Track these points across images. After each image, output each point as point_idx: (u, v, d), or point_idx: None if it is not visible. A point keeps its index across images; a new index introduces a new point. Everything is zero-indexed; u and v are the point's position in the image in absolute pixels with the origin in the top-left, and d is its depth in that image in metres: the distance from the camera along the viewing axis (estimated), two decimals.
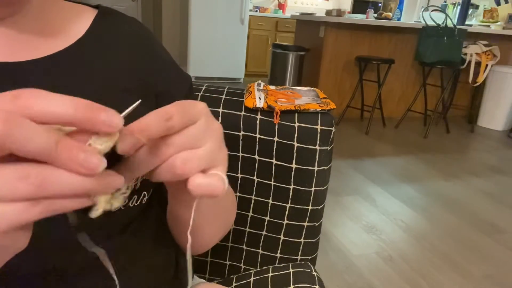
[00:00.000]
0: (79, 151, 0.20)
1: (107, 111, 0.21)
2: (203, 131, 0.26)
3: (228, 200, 0.51)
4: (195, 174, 0.26)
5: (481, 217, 2.18)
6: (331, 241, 1.82)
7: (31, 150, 0.19)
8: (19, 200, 0.19)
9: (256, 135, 0.65)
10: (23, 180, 0.19)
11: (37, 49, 0.38)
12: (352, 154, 2.99)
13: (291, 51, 3.80)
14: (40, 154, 0.19)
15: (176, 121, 0.24)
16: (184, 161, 0.25)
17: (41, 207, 0.20)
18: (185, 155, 0.25)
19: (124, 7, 5.75)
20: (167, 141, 0.25)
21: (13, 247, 0.22)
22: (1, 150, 0.19)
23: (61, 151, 0.20)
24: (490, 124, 4.12)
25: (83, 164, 0.20)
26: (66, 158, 0.20)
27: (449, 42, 3.60)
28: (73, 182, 0.20)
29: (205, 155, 0.26)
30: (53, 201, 0.20)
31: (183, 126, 0.25)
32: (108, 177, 0.22)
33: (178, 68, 0.50)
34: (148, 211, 0.45)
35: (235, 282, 0.66)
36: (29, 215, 0.20)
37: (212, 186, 0.26)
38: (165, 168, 0.25)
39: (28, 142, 0.18)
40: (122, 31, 0.45)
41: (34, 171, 0.19)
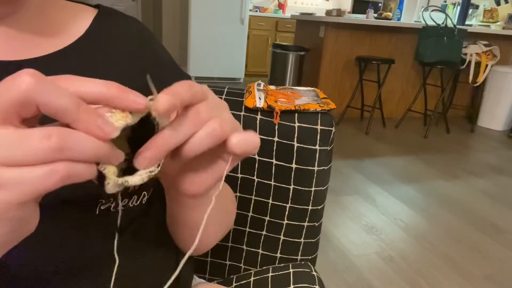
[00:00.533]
0: (97, 116, 0.22)
1: (134, 92, 0.23)
2: (218, 102, 0.28)
3: (228, 200, 0.51)
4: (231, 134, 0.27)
5: (481, 217, 2.18)
6: (331, 241, 1.82)
7: (56, 107, 0.20)
8: (40, 163, 0.20)
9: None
10: (45, 139, 0.20)
11: (37, 48, 0.38)
12: (352, 154, 2.99)
13: (291, 51, 3.80)
14: (64, 113, 0.21)
15: (198, 89, 0.26)
16: (220, 124, 0.26)
17: (61, 173, 0.21)
18: (218, 119, 0.27)
19: (124, 7, 5.75)
20: (194, 109, 0.26)
21: (27, 224, 0.23)
22: (29, 104, 0.20)
23: (82, 113, 0.21)
24: (490, 124, 4.12)
25: (100, 126, 0.22)
26: (86, 119, 0.21)
27: (449, 42, 3.60)
28: (91, 145, 0.21)
29: (230, 119, 0.28)
30: (72, 166, 0.21)
31: (203, 96, 0.27)
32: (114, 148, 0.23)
33: (178, 68, 0.50)
34: (148, 211, 0.45)
35: (235, 282, 0.66)
36: (49, 181, 0.20)
37: (251, 139, 0.28)
38: (204, 134, 0.26)
39: (54, 98, 0.20)
40: (122, 31, 0.45)
41: (56, 132, 0.20)
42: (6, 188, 0.20)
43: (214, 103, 0.27)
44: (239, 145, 0.27)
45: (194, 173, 0.30)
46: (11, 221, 0.21)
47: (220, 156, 0.29)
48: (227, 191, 0.51)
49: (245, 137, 0.27)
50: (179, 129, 0.25)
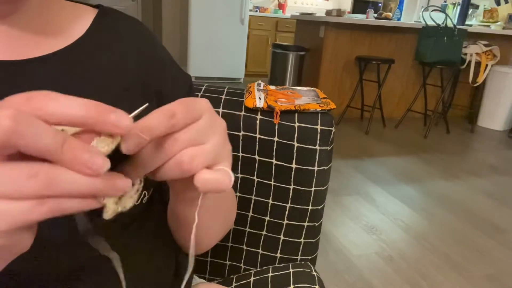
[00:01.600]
0: (83, 151, 0.20)
1: (116, 112, 0.21)
2: (207, 127, 0.27)
3: (228, 199, 0.51)
4: (201, 169, 0.26)
5: (481, 217, 2.18)
6: (331, 241, 1.82)
7: (38, 148, 0.19)
8: (27, 198, 0.19)
9: (256, 135, 0.65)
10: (32, 178, 0.19)
11: (38, 48, 0.38)
12: (352, 154, 2.99)
13: (291, 51, 3.80)
14: (46, 153, 0.19)
15: (179, 118, 0.24)
16: (191, 157, 0.25)
17: (48, 207, 0.20)
18: (191, 151, 0.25)
19: (124, 7, 5.74)
20: (172, 138, 0.25)
21: (16, 247, 0.22)
22: (9, 147, 0.19)
23: (66, 151, 0.20)
24: (490, 124, 4.12)
25: (87, 164, 0.20)
26: (71, 157, 0.20)
27: (449, 42, 3.60)
28: (80, 182, 0.20)
29: (211, 151, 0.26)
30: (60, 201, 0.20)
31: (187, 123, 0.25)
32: (114, 179, 0.22)
33: (178, 67, 0.50)
34: (148, 211, 0.45)
35: (235, 282, 0.66)
36: (35, 214, 0.20)
37: (219, 181, 0.26)
38: (172, 165, 0.25)
39: (35, 140, 0.19)
40: (122, 31, 0.45)
41: (43, 170, 0.19)
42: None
43: (203, 127, 0.26)
44: (203, 184, 0.26)
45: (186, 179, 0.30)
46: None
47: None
48: (227, 191, 0.51)
49: (215, 176, 0.26)
50: (148, 159, 0.25)
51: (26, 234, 0.22)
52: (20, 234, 0.21)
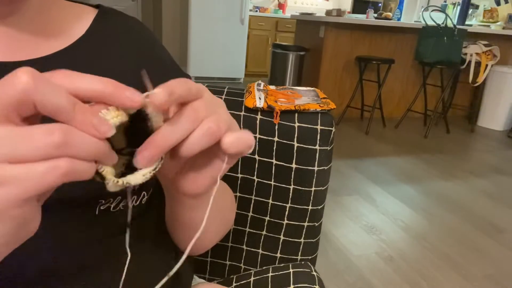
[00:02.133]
0: (93, 115, 0.22)
1: (130, 89, 0.23)
2: (214, 100, 0.28)
3: (228, 200, 0.51)
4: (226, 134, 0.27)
5: (481, 217, 2.18)
6: (331, 241, 1.82)
7: (53, 106, 0.21)
8: (44, 158, 0.20)
9: (256, 135, 0.65)
10: (48, 136, 0.20)
11: (37, 49, 0.38)
12: (352, 154, 2.99)
13: (291, 51, 3.80)
14: (60, 111, 0.21)
15: (193, 87, 0.26)
16: (216, 122, 0.26)
17: (63, 169, 0.21)
18: (214, 117, 0.26)
19: (124, 7, 5.74)
20: (191, 107, 0.26)
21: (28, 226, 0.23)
22: (27, 103, 0.20)
23: (78, 112, 0.21)
24: (490, 124, 4.12)
25: (95, 126, 0.22)
26: (82, 119, 0.21)
27: (449, 42, 3.60)
28: (90, 142, 0.22)
29: (227, 117, 0.28)
30: (74, 163, 0.21)
31: (199, 93, 0.27)
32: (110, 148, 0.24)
33: (178, 68, 0.50)
34: (147, 211, 0.45)
35: (235, 282, 0.66)
36: (52, 177, 0.21)
37: (246, 138, 0.27)
38: (200, 133, 0.26)
39: (51, 97, 0.20)
40: (122, 31, 0.45)
41: (58, 128, 0.21)
42: (9, 184, 0.20)
43: (210, 101, 0.27)
44: (232, 145, 0.27)
45: (193, 173, 0.31)
46: (13, 220, 0.21)
47: (217, 155, 0.29)
48: (227, 191, 0.51)
49: (238, 136, 0.27)
50: (177, 127, 0.25)
51: (37, 211, 0.23)
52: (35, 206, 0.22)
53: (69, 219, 0.37)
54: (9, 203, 0.20)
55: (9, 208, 0.20)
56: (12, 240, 0.23)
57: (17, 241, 0.24)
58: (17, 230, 0.22)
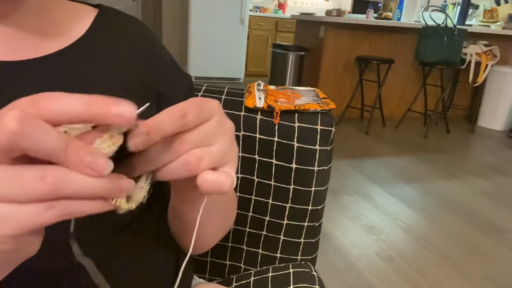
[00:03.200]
0: (87, 153, 0.20)
1: (118, 104, 0.21)
2: (217, 129, 0.27)
3: (229, 201, 0.51)
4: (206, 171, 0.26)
5: (481, 217, 2.18)
6: (331, 241, 1.82)
7: (43, 150, 0.19)
8: (35, 201, 0.20)
9: (256, 135, 0.65)
10: (40, 181, 0.19)
11: (38, 48, 0.38)
12: (352, 154, 2.99)
13: (291, 51, 3.80)
14: (51, 155, 0.20)
15: (191, 119, 0.24)
16: (198, 158, 0.25)
17: (56, 210, 0.20)
18: (199, 152, 0.25)
19: (124, 7, 5.75)
20: (181, 138, 0.25)
21: (25, 251, 0.22)
22: (15, 149, 0.19)
23: (70, 153, 0.20)
24: (490, 124, 4.12)
25: (90, 165, 0.20)
26: (75, 159, 0.20)
27: (449, 42, 3.60)
28: (86, 183, 0.20)
29: (217, 153, 0.26)
30: (69, 204, 0.20)
31: (197, 124, 0.25)
32: (119, 180, 0.22)
33: (179, 67, 0.50)
34: (148, 211, 0.45)
35: (235, 282, 0.66)
36: (44, 217, 0.20)
37: (221, 183, 0.26)
38: (178, 164, 0.25)
39: (41, 142, 0.19)
40: (122, 31, 0.45)
41: (50, 172, 0.20)
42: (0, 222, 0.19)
43: (211, 128, 0.26)
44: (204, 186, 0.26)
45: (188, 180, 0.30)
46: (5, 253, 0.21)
47: None
48: (228, 193, 0.51)
49: (217, 178, 0.26)
50: (156, 156, 0.25)
51: (35, 238, 0.22)
52: (29, 238, 0.21)
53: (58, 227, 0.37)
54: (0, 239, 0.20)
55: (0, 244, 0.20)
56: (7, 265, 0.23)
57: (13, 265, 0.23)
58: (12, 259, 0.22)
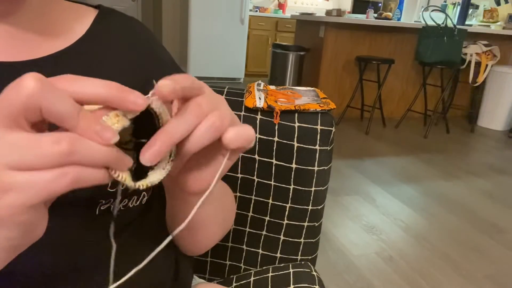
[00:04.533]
0: (96, 122, 0.22)
1: (134, 92, 0.24)
2: (215, 96, 0.28)
3: (227, 199, 0.51)
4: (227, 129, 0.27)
5: (481, 217, 2.18)
6: (331, 241, 1.82)
7: (58, 112, 0.21)
8: (51, 167, 0.21)
9: (256, 135, 0.66)
10: (56, 144, 0.20)
11: (38, 49, 0.38)
12: (352, 154, 2.99)
13: (291, 51, 3.80)
14: (64, 118, 0.21)
15: (195, 80, 0.26)
16: (220, 117, 0.27)
17: (70, 177, 0.21)
18: (217, 113, 0.27)
19: (124, 7, 5.74)
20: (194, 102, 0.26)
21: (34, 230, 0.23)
22: (33, 108, 0.20)
23: (82, 119, 0.22)
24: (490, 124, 4.12)
25: (98, 133, 0.22)
26: (86, 126, 0.22)
27: (449, 42, 3.60)
28: (97, 149, 0.22)
29: (229, 112, 0.28)
30: (81, 170, 0.22)
31: (200, 88, 0.27)
32: (123, 155, 0.24)
33: (178, 68, 0.50)
34: (148, 211, 0.45)
35: (235, 282, 0.66)
36: (59, 184, 0.21)
37: (246, 133, 0.28)
38: (205, 127, 0.26)
39: (57, 103, 0.21)
40: (122, 31, 0.45)
41: (65, 137, 0.21)
42: (17, 191, 0.20)
43: (212, 97, 0.28)
44: (233, 140, 0.27)
45: (196, 170, 0.31)
46: (21, 225, 0.22)
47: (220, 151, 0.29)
48: (226, 191, 0.51)
49: (239, 131, 0.27)
50: (183, 121, 0.26)
51: (44, 215, 0.23)
52: (42, 212, 0.23)
53: (69, 219, 0.37)
54: (16, 210, 0.21)
55: (16, 215, 0.21)
56: (19, 245, 0.23)
57: (24, 245, 0.24)
58: (24, 235, 0.23)
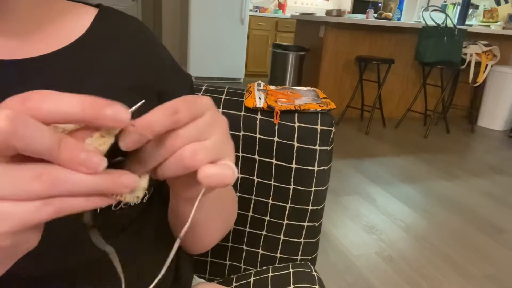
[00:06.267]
0: (80, 150, 0.20)
1: (112, 106, 0.21)
2: (209, 123, 0.26)
3: (229, 200, 0.51)
4: (204, 165, 0.25)
5: (481, 217, 2.18)
6: (331, 241, 1.82)
7: (36, 149, 0.19)
8: (32, 199, 0.20)
9: (256, 135, 0.65)
10: (36, 179, 0.19)
11: (37, 48, 0.38)
12: (352, 154, 2.99)
13: (291, 51, 3.80)
14: (44, 153, 0.20)
15: (182, 115, 0.24)
16: (193, 152, 0.25)
17: (53, 207, 0.20)
18: (193, 147, 0.25)
19: (124, 7, 5.74)
20: (174, 134, 0.25)
21: (23, 247, 0.22)
22: (8, 148, 0.19)
23: (63, 150, 0.20)
24: (490, 124, 4.12)
25: (84, 163, 0.20)
26: (68, 157, 0.20)
27: (449, 42, 3.60)
28: (83, 180, 0.21)
29: (212, 147, 0.26)
30: (65, 200, 0.21)
31: (189, 120, 0.25)
32: (119, 176, 0.22)
33: (179, 67, 0.50)
34: (149, 210, 0.45)
35: (235, 282, 0.66)
36: (41, 214, 0.20)
37: (223, 174, 0.26)
38: (173, 161, 0.25)
39: (32, 141, 0.19)
40: (122, 30, 0.45)
41: (46, 170, 0.20)
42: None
43: (205, 124, 0.26)
44: (206, 180, 0.25)
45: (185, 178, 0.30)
46: (5, 249, 0.21)
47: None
48: (228, 191, 0.51)
49: (218, 171, 0.26)
50: (150, 155, 0.25)
51: (33, 233, 0.22)
52: (27, 234, 0.22)
53: (69, 218, 0.37)
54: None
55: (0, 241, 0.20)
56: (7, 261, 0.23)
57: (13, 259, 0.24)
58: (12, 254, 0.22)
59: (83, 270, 0.39)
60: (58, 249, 0.37)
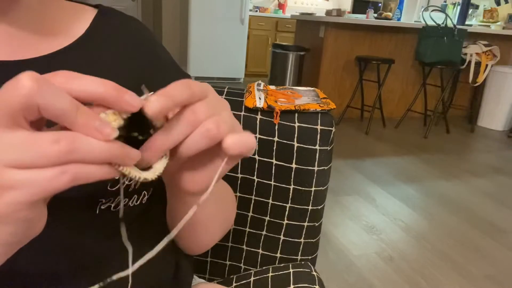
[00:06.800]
0: (95, 118, 0.22)
1: (129, 93, 0.23)
2: (217, 101, 0.28)
3: (228, 199, 0.51)
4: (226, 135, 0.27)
5: (481, 217, 2.18)
6: (331, 241, 1.82)
7: (56, 109, 0.21)
8: (51, 165, 0.21)
9: (256, 135, 0.65)
10: (55, 144, 0.21)
11: (37, 48, 0.38)
12: (352, 154, 2.99)
13: (291, 51, 3.80)
14: (63, 115, 0.21)
15: (197, 89, 0.26)
16: (216, 124, 0.26)
17: (69, 175, 0.21)
18: (215, 119, 0.26)
19: (124, 7, 5.74)
20: (191, 109, 0.26)
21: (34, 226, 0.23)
22: (31, 107, 0.20)
23: (80, 115, 0.22)
24: (490, 124, 4.12)
25: (98, 128, 0.22)
26: (84, 122, 0.22)
27: (449, 42, 3.60)
28: (97, 146, 0.22)
29: (229, 118, 0.28)
30: (81, 167, 0.22)
31: (202, 95, 0.27)
32: (128, 149, 0.24)
33: (178, 67, 0.50)
34: (148, 211, 0.45)
35: (235, 282, 0.66)
36: (58, 182, 0.21)
37: (246, 141, 0.27)
38: (199, 134, 0.26)
39: (54, 100, 0.21)
40: (122, 31, 0.45)
41: (64, 136, 0.21)
42: (17, 189, 0.21)
43: (214, 102, 0.27)
44: (233, 147, 0.27)
45: (193, 171, 0.31)
46: (20, 222, 0.22)
47: (219, 154, 0.29)
48: (227, 191, 0.51)
49: (240, 138, 0.27)
50: (174, 130, 0.26)
51: (43, 211, 0.23)
52: (40, 208, 0.23)
53: (70, 218, 0.37)
54: (16, 207, 0.21)
55: (16, 211, 0.21)
56: (18, 241, 0.24)
57: (23, 241, 0.24)
58: (24, 231, 0.23)
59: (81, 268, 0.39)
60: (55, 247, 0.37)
